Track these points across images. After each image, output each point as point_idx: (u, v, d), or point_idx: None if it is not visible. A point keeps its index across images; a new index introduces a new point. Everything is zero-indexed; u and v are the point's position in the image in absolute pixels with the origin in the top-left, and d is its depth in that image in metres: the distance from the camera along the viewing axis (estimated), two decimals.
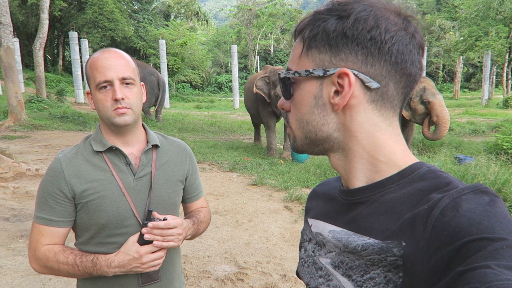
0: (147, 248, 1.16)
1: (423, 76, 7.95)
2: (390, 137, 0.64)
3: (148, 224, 1.15)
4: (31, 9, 27.68)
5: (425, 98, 7.43)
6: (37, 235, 1.21)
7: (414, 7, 42.76)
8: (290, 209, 5.12)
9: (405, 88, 0.63)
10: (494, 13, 22.78)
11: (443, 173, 0.60)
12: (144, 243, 1.16)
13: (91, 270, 1.17)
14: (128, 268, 1.16)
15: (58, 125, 12.24)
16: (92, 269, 1.16)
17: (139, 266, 1.16)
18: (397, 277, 0.55)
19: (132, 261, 1.15)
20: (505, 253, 0.45)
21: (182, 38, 29.61)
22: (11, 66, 11.01)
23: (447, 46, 32.89)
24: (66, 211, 1.21)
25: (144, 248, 1.16)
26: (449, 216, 0.50)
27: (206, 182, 6.45)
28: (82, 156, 1.24)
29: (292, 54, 0.69)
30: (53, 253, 1.19)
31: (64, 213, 1.21)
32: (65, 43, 34.34)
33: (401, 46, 0.59)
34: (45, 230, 1.21)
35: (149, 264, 1.17)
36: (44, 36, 15.99)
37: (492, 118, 16.02)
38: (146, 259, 1.16)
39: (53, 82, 25.67)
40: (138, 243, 1.16)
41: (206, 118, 16.39)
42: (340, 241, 0.65)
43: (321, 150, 0.69)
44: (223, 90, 44.24)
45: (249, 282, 3.21)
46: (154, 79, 12.87)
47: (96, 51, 1.24)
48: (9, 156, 6.16)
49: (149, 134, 1.35)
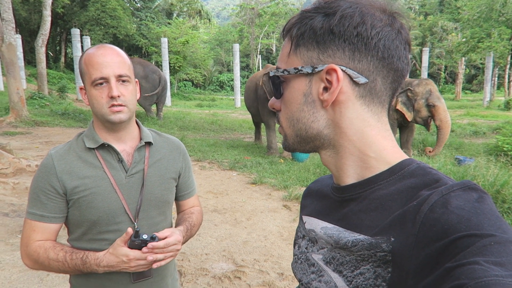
0: (136, 253, 1.12)
1: (427, 79, 7.96)
2: (379, 133, 0.65)
3: (148, 244, 1.12)
4: (33, 5, 27.70)
5: (431, 101, 7.50)
6: (29, 231, 1.21)
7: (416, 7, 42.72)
8: (289, 208, 5.13)
9: (392, 83, 0.64)
10: (496, 15, 22.73)
11: (433, 170, 0.61)
12: (133, 246, 1.13)
13: (81, 267, 1.16)
14: (117, 269, 1.15)
15: (59, 121, 12.27)
16: (82, 266, 1.16)
17: (127, 268, 1.15)
18: (386, 272, 0.55)
19: (120, 263, 1.14)
20: (493, 249, 0.45)
21: (184, 37, 29.57)
22: (13, 62, 11.02)
23: (449, 47, 32.85)
24: (57, 207, 1.21)
25: (133, 253, 1.12)
26: (438, 213, 0.51)
27: (206, 180, 6.46)
28: (74, 153, 1.24)
29: (281, 53, 0.70)
30: (43, 249, 1.19)
31: (56, 209, 1.21)
32: (67, 40, 34.43)
33: (388, 42, 0.60)
34: (37, 226, 1.21)
35: (138, 267, 1.15)
36: (46, 33, 15.99)
37: (493, 120, 16.00)
38: (134, 264, 1.14)
39: (55, 79, 25.69)
40: (128, 246, 1.13)
41: (207, 117, 16.40)
42: (331, 237, 0.66)
43: (312, 147, 0.69)
44: (225, 89, 44.25)
45: (246, 280, 3.21)
46: (156, 77, 12.88)
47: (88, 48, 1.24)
48: (10, 152, 6.17)
49: (142, 131, 1.35)
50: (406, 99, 7.73)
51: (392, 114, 8.00)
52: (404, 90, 7.72)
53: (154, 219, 1.32)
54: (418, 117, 7.71)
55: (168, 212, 1.41)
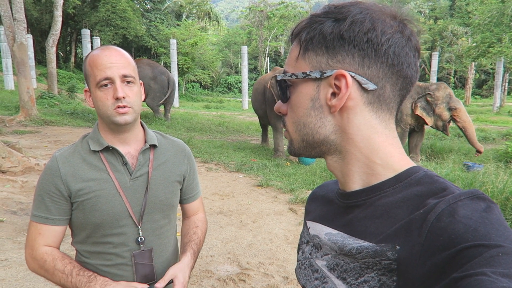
0: None
1: (442, 82, 7.96)
2: (386, 140, 0.64)
3: None
4: (45, 6, 28.01)
5: (453, 104, 7.55)
6: (35, 233, 1.21)
7: (426, 11, 42.45)
8: (295, 211, 5.11)
9: (401, 90, 0.64)
10: (508, 20, 22.48)
11: (440, 178, 0.60)
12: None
13: (84, 285, 1.16)
14: None
15: (68, 121, 12.39)
16: (85, 284, 1.15)
17: None
18: (391, 280, 0.55)
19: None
20: (501, 260, 0.44)
21: (193, 38, 29.75)
22: (24, 62, 11.17)
23: (459, 52, 32.57)
24: (62, 209, 1.21)
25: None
26: (445, 222, 0.50)
27: (212, 182, 6.47)
28: (79, 155, 1.24)
29: (289, 57, 0.69)
30: (51, 258, 1.19)
31: (60, 211, 1.21)
32: (77, 40, 34.69)
33: (397, 48, 0.60)
34: (42, 228, 1.21)
35: None
36: (57, 33, 16.17)
37: (503, 126, 15.82)
38: None
39: (65, 79, 25.93)
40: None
41: (215, 118, 16.45)
42: (335, 244, 0.65)
43: (318, 153, 0.69)
44: (232, 91, 44.36)
45: (251, 283, 3.20)
46: (165, 78, 12.96)
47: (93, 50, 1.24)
48: (19, 151, 6.24)
49: (147, 133, 1.34)
50: (426, 104, 7.70)
51: (405, 120, 7.97)
52: (423, 95, 7.69)
53: (158, 223, 1.32)
54: (439, 121, 7.70)
55: (172, 216, 1.40)
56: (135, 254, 1.25)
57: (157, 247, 1.32)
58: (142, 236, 1.27)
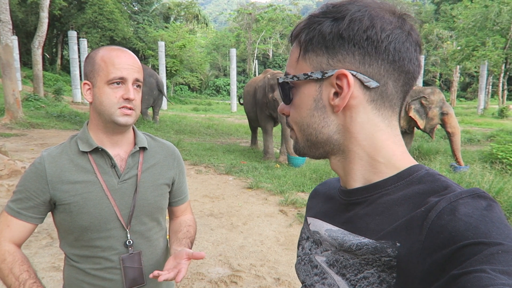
0: None
1: (435, 87, 8.07)
2: (389, 138, 0.64)
3: None
4: (31, 7, 27.56)
5: (445, 109, 7.63)
6: (3, 224, 1.20)
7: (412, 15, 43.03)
8: (285, 213, 5.12)
9: (404, 86, 0.64)
10: (491, 24, 22.98)
11: (442, 177, 0.60)
12: None
13: None
14: None
15: (54, 123, 12.20)
16: None
17: None
18: (391, 277, 0.55)
19: None
20: (500, 258, 0.45)
21: (181, 41, 29.64)
22: (9, 63, 10.97)
23: (445, 55, 33.13)
24: (37, 209, 1.20)
25: None
26: (445, 220, 0.51)
27: (202, 184, 6.44)
28: (66, 156, 1.22)
29: (289, 59, 0.69)
30: (12, 258, 1.16)
31: (35, 210, 1.20)
32: (64, 42, 34.27)
33: (398, 44, 0.60)
34: (12, 221, 1.19)
35: None
36: (43, 35, 15.93)
37: (487, 128, 16.11)
38: None
39: (51, 81, 25.54)
40: None
41: (203, 121, 16.37)
42: (335, 240, 0.66)
43: (322, 153, 0.69)
44: (221, 93, 44.26)
45: (242, 285, 3.20)
46: (153, 80, 12.85)
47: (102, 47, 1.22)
48: (5, 154, 6.13)
49: (137, 135, 1.33)
50: (420, 107, 7.79)
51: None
52: (417, 98, 7.77)
53: (147, 225, 1.30)
54: (429, 124, 7.78)
55: (161, 218, 1.38)
56: (124, 257, 1.24)
57: (146, 250, 1.30)
58: (130, 239, 1.25)
